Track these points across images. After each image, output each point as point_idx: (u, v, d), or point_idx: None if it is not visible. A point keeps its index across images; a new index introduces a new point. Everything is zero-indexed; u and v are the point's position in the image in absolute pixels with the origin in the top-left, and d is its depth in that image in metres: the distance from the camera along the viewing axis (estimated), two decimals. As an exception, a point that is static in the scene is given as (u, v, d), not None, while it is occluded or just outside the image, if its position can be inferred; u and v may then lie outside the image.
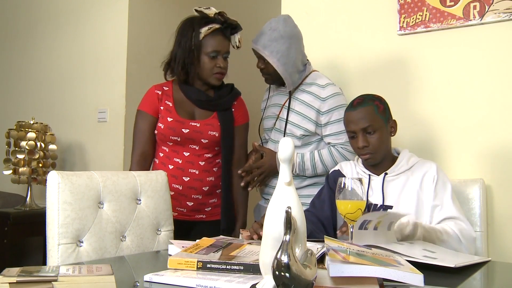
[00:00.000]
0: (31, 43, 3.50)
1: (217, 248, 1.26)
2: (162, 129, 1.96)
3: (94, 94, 3.14)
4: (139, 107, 2.03)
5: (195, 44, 1.94)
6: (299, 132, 2.00)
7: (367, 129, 1.64)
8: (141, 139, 2.00)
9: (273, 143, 2.08)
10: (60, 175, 1.48)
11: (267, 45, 1.96)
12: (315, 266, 0.87)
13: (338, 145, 2.00)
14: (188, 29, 1.96)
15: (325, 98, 1.97)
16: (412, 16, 2.14)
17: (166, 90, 2.02)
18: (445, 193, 1.61)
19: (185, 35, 1.96)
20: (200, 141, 1.98)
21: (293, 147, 0.91)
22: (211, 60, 1.96)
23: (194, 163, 1.98)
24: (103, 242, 1.53)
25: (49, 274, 0.95)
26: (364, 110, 1.65)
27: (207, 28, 1.93)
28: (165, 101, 1.99)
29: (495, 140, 1.96)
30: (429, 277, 1.01)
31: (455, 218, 1.58)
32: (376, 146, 1.65)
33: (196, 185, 1.98)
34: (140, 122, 2.01)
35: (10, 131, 2.99)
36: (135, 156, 2.00)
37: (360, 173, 1.74)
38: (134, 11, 3.05)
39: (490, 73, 1.99)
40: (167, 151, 2.00)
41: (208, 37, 1.94)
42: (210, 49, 1.95)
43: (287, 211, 0.84)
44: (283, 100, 2.07)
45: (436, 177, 1.63)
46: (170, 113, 1.97)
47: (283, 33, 1.96)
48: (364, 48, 2.29)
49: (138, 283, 1.12)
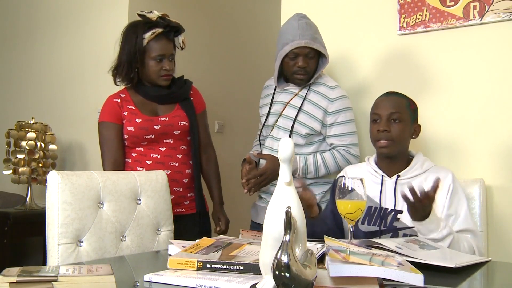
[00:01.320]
0: (31, 43, 3.50)
1: (217, 248, 1.26)
2: (133, 131, 1.99)
3: (94, 94, 3.13)
4: (100, 119, 2.04)
5: (139, 49, 1.98)
6: (305, 131, 2.00)
7: (394, 115, 1.64)
8: (110, 148, 2.00)
9: (274, 140, 2.08)
10: (60, 175, 1.48)
11: (315, 38, 1.97)
12: (315, 266, 0.87)
13: (341, 148, 2.00)
14: (132, 35, 2.00)
15: (333, 99, 1.99)
16: (412, 16, 2.14)
17: (124, 96, 2.06)
18: (461, 203, 1.59)
19: (129, 41, 2.00)
20: (172, 134, 2.03)
21: (293, 147, 0.91)
22: (157, 64, 2.01)
23: (172, 156, 2.02)
24: (103, 242, 1.53)
25: (49, 274, 0.95)
26: (397, 99, 1.68)
27: (151, 33, 1.98)
28: (127, 106, 2.03)
29: (495, 140, 1.96)
30: (429, 277, 1.01)
31: (472, 231, 1.56)
32: (396, 135, 1.63)
33: (177, 177, 2.02)
34: (105, 133, 2.01)
35: (10, 131, 2.98)
36: (107, 166, 1.99)
37: (372, 172, 1.71)
38: (134, 11, 3.02)
39: (490, 73, 1.99)
40: (142, 150, 2.01)
41: (152, 42, 1.99)
42: (154, 54, 1.99)
43: (287, 211, 0.84)
44: (288, 98, 2.07)
45: (452, 186, 1.60)
46: (137, 115, 2.01)
47: (314, 25, 2.01)
48: (364, 48, 2.29)
49: (138, 283, 1.12)
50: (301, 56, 1.96)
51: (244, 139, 2.72)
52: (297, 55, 1.96)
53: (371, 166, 1.73)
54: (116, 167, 1.99)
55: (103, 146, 2.02)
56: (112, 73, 2.09)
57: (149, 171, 1.84)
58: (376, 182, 1.68)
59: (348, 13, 2.35)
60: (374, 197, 1.66)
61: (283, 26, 2.05)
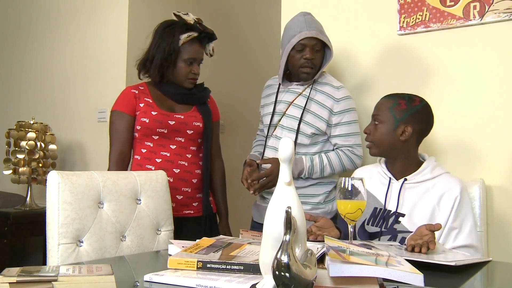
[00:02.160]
0: (31, 43, 3.50)
1: (217, 248, 1.26)
2: (147, 123, 1.98)
3: (94, 94, 3.13)
4: (114, 108, 2.03)
5: (174, 49, 2.00)
6: (310, 131, 2.00)
7: (375, 117, 1.67)
8: (119, 139, 2.00)
9: (278, 139, 2.07)
10: (60, 175, 1.48)
11: (322, 31, 2.00)
12: (315, 266, 0.87)
13: (345, 148, 2.01)
14: (169, 33, 2.01)
15: (339, 100, 2.00)
16: (412, 16, 2.14)
17: (142, 89, 2.06)
18: (467, 218, 1.56)
19: (165, 39, 2.01)
20: (185, 132, 2.03)
21: (293, 147, 0.91)
22: (187, 66, 2.04)
23: (182, 155, 2.02)
24: (103, 242, 1.53)
25: (49, 274, 0.95)
26: (384, 101, 1.69)
27: (187, 36, 2.01)
28: (144, 98, 2.03)
29: (495, 140, 1.96)
30: (429, 277, 1.01)
31: (474, 247, 1.53)
32: (375, 137, 1.66)
33: (186, 176, 2.02)
34: (116, 122, 2.01)
35: (10, 131, 2.99)
36: (113, 157, 2.00)
37: (381, 173, 1.71)
38: (134, 11, 3.05)
39: (490, 73, 1.99)
40: (151, 146, 2.01)
41: (187, 44, 2.02)
42: (187, 56, 2.02)
43: (287, 211, 0.84)
44: (292, 97, 2.06)
45: (459, 198, 1.56)
46: (153, 108, 2.00)
47: (320, 23, 2.03)
48: (364, 48, 2.29)
49: (138, 283, 1.12)
50: (308, 47, 1.97)
51: (244, 139, 2.73)
52: (304, 47, 1.97)
53: (381, 167, 1.72)
54: (121, 160, 2.00)
55: (112, 136, 2.02)
56: (137, 67, 2.09)
57: (149, 171, 1.84)
58: (384, 183, 1.68)
59: (348, 13, 2.35)
60: (380, 198, 1.66)
61: (289, 22, 2.05)
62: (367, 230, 1.64)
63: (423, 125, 1.67)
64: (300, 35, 1.95)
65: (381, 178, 1.69)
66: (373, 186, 1.69)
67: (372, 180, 1.70)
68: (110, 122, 2.04)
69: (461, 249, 1.52)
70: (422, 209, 1.58)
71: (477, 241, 1.55)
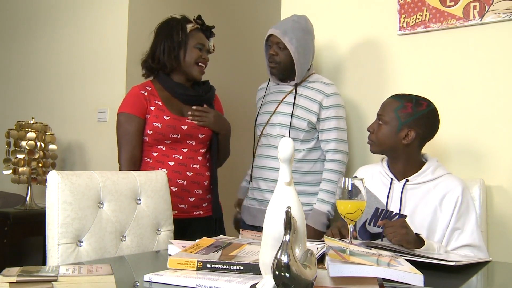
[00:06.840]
0: (31, 43, 3.50)
1: (217, 248, 1.26)
2: (160, 128, 1.95)
3: (94, 94, 3.13)
4: (122, 110, 1.97)
5: (183, 37, 2.02)
6: (303, 125, 2.03)
7: (380, 117, 1.66)
8: (129, 142, 1.94)
9: (271, 137, 2.10)
10: (60, 175, 1.48)
11: (288, 32, 2.04)
12: (315, 266, 0.87)
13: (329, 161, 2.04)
14: (176, 24, 2.05)
15: (329, 94, 2.05)
16: (412, 16, 2.14)
17: (150, 90, 2.01)
18: (469, 217, 1.55)
19: (173, 28, 2.04)
20: (197, 136, 2.03)
21: (293, 147, 0.91)
22: (198, 51, 2.05)
23: (194, 158, 2.02)
24: (103, 242, 1.53)
25: (49, 274, 0.95)
26: (390, 101, 1.68)
27: (192, 25, 2.06)
28: (154, 101, 1.98)
29: (495, 140, 1.96)
30: (429, 277, 1.01)
31: (477, 246, 1.52)
32: (377, 136, 1.65)
33: (198, 179, 2.02)
34: (126, 125, 1.94)
35: (10, 131, 2.98)
36: (124, 160, 1.94)
37: (383, 173, 1.70)
38: (134, 11, 3.05)
39: (490, 74, 1.99)
40: (163, 149, 1.99)
41: (194, 32, 2.06)
42: (196, 41, 2.05)
43: (287, 211, 0.84)
44: (281, 96, 2.11)
45: (460, 198, 1.55)
46: (164, 112, 1.97)
47: (304, 27, 2.07)
48: (364, 48, 2.29)
49: (138, 283, 1.12)
50: (274, 44, 2.07)
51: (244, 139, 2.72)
52: (272, 43, 2.08)
53: (382, 168, 1.71)
54: (133, 163, 1.95)
55: (121, 139, 1.95)
56: (143, 64, 2.09)
57: (149, 171, 1.83)
58: (386, 184, 1.67)
59: (348, 13, 2.35)
60: (382, 199, 1.65)
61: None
62: (368, 230, 1.64)
63: (427, 130, 1.64)
64: (268, 31, 2.08)
65: (382, 179, 1.69)
66: (375, 186, 1.68)
67: (374, 180, 1.70)
68: (118, 124, 1.97)
69: (464, 249, 1.52)
70: (424, 210, 1.58)
71: (479, 240, 1.54)
